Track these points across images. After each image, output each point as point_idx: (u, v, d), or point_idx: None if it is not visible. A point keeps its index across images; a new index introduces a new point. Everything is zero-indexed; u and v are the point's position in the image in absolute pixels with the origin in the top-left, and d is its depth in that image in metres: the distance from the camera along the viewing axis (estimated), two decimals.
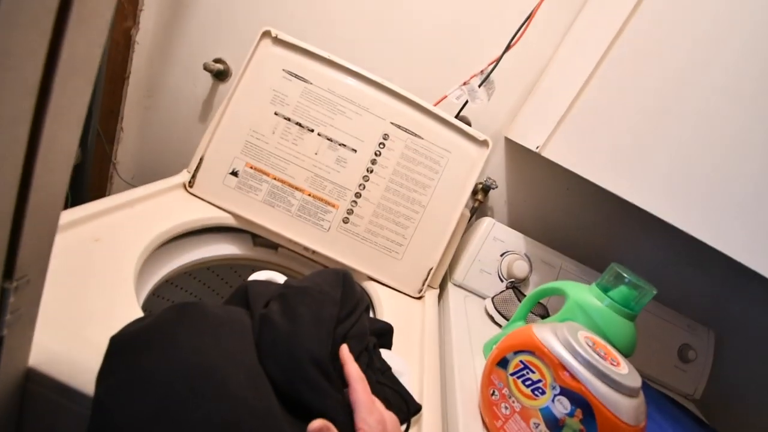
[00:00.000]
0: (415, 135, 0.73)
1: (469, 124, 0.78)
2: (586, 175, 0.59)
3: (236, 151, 0.71)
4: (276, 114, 0.71)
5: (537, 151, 0.66)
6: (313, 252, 0.74)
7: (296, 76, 0.71)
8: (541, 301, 0.76)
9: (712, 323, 0.87)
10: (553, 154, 0.64)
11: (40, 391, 0.35)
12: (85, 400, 0.34)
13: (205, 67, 0.88)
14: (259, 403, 0.33)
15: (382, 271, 0.74)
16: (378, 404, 0.38)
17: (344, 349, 0.42)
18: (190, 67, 0.92)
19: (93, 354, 0.34)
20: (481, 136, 0.74)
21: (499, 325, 0.73)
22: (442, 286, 0.82)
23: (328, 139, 0.72)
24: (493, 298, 0.76)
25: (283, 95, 0.71)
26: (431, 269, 0.75)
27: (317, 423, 0.34)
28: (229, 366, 0.34)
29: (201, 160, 0.71)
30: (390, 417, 0.38)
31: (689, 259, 0.92)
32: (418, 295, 0.75)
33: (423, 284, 0.75)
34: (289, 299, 0.42)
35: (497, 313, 0.74)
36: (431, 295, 0.77)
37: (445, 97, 0.78)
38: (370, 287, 0.73)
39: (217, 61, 0.91)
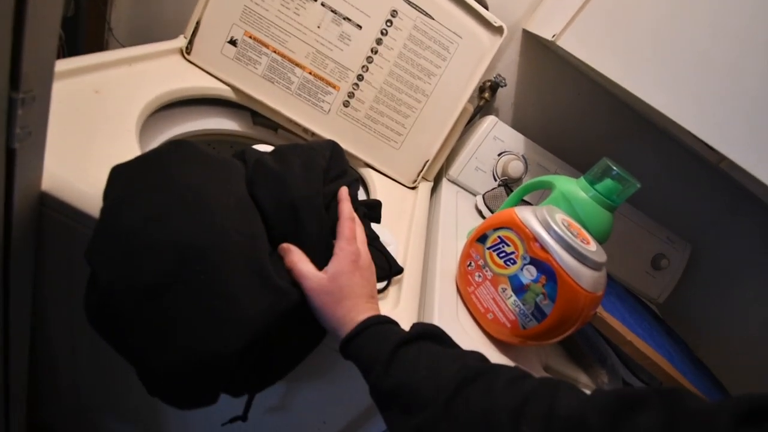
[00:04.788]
0: (426, 14, 0.68)
1: (486, 8, 0.72)
2: (598, 67, 0.56)
3: (234, 17, 0.67)
4: None
5: (553, 39, 0.62)
6: (312, 134, 0.74)
7: None
8: (528, 199, 0.79)
9: (692, 238, 0.91)
10: (568, 43, 0.61)
11: (54, 215, 0.39)
12: (94, 223, 0.38)
13: None
14: (246, 227, 0.37)
15: (380, 159, 0.75)
16: (361, 243, 0.42)
17: (344, 190, 0.45)
18: None
19: (98, 185, 0.37)
20: (497, 22, 0.69)
21: None
22: (437, 180, 0.84)
23: (333, 11, 0.67)
24: (484, 194, 0.78)
25: None
26: (427, 161, 0.76)
27: (282, 246, 0.39)
28: (218, 190, 0.37)
29: (197, 24, 0.67)
30: (366, 257, 0.42)
31: (683, 175, 0.92)
32: (412, 185, 0.77)
33: (418, 175, 0.77)
34: (281, 150, 0.45)
35: (486, 208, 0.77)
36: (425, 186, 0.79)
37: None
38: (366, 174, 0.75)
39: None
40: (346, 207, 0.43)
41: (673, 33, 0.50)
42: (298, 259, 0.39)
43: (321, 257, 0.40)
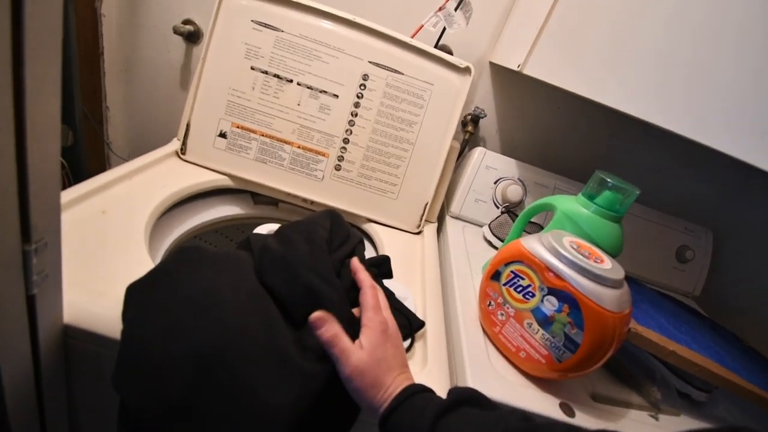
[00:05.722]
0: (395, 71, 0.72)
1: (451, 53, 0.76)
2: (566, 87, 0.58)
3: (220, 113, 0.72)
4: (252, 68, 0.70)
5: (518, 69, 0.65)
6: (312, 202, 0.76)
7: (266, 26, 0.69)
8: (535, 220, 0.79)
9: (710, 224, 0.89)
10: (534, 70, 0.63)
11: (79, 344, 0.40)
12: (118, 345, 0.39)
13: (175, 31, 0.86)
14: (261, 318, 0.37)
15: (380, 212, 0.77)
16: (385, 309, 0.42)
17: (355, 260, 0.45)
18: (160, 33, 0.90)
19: (117, 306, 0.38)
20: (463, 64, 0.73)
21: (497, 249, 0.76)
22: (440, 220, 0.84)
23: (309, 88, 0.71)
24: (489, 224, 0.79)
25: (257, 48, 0.70)
26: (427, 204, 0.77)
27: (316, 314, 0.38)
28: (228, 288, 0.38)
29: (188, 126, 0.72)
30: (393, 324, 0.41)
31: (682, 162, 0.92)
32: (417, 231, 0.78)
33: (421, 219, 0.78)
34: (283, 231, 0.46)
35: (494, 237, 0.76)
36: (430, 229, 0.80)
37: (422, 26, 0.76)
38: (370, 229, 0.77)
39: (186, 22, 0.88)
40: (364, 276, 0.43)
41: (631, 38, 0.52)
42: (338, 332, 0.38)
43: (346, 327, 0.40)
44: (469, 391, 0.36)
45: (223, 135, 0.72)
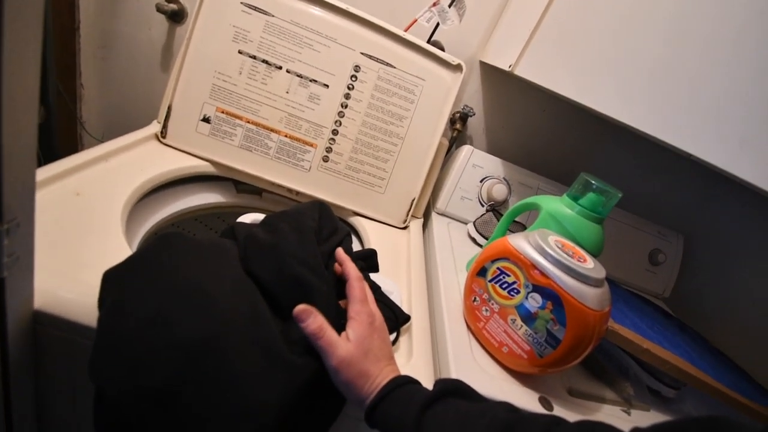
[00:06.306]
0: (387, 64, 0.72)
1: (443, 49, 0.76)
2: (556, 89, 0.59)
3: (204, 96, 0.69)
4: (240, 52, 0.68)
5: (509, 70, 0.65)
6: (297, 193, 0.75)
7: (256, 9, 0.67)
8: (519, 220, 0.80)
9: (682, 229, 0.93)
10: (524, 71, 0.64)
11: (50, 331, 0.38)
12: (93, 333, 0.37)
13: (158, 8, 0.82)
14: (247, 308, 0.36)
15: (367, 206, 0.76)
16: (371, 302, 0.42)
17: (340, 251, 0.44)
18: (142, 11, 0.86)
19: (92, 292, 0.36)
20: (455, 61, 0.73)
21: (481, 246, 0.77)
22: (426, 215, 0.85)
23: (298, 76, 0.70)
24: (474, 222, 0.79)
25: (245, 31, 0.68)
26: (414, 199, 0.77)
27: (300, 307, 0.37)
28: (213, 277, 0.37)
29: (169, 108, 0.69)
30: (380, 317, 0.41)
31: (660, 169, 0.95)
32: (403, 225, 0.78)
33: (407, 214, 0.78)
34: (270, 220, 0.45)
35: (479, 235, 0.77)
36: (416, 224, 0.80)
37: (415, 21, 0.76)
38: (357, 222, 0.76)
39: (171, 0, 0.85)
40: (350, 267, 0.43)
41: (626, 43, 0.53)
42: (322, 324, 0.37)
43: (333, 319, 0.39)
44: (455, 383, 0.36)
45: (206, 120, 0.70)
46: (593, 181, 0.53)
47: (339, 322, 0.40)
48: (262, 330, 0.36)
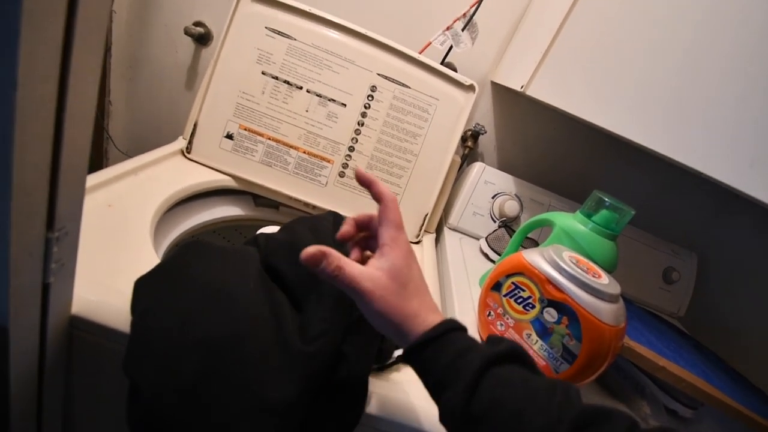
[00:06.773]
0: (403, 85, 0.74)
1: (455, 71, 0.79)
2: (565, 108, 0.61)
3: (228, 114, 0.72)
4: (263, 73, 0.72)
5: (521, 90, 0.68)
6: (314, 207, 0.77)
7: (279, 33, 0.71)
8: (530, 236, 0.81)
9: (695, 247, 0.93)
10: (536, 92, 0.66)
11: (84, 335, 0.40)
12: (124, 339, 0.39)
13: (186, 32, 0.87)
14: (267, 302, 0.38)
15: None
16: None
17: (360, 170, 0.36)
18: (170, 33, 0.91)
19: (124, 299, 0.38)
20: (468, 81, 0.75)
21: (493, 261, 0.78)
22: (438, 231, 0.86)
23: (318, 95, 0.73)
24: (486, 237, 0.80)
25: (269, 54, 0.71)
26: (427, 215, 0.79)
27: (310, 249, 0.30)
28: (236, 278, 0.39)
29: (195, 125, 0.73)
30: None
31: (672, 187, 0.96)
32: (416, 240, 0.79)
33: (420, 229, 0.79)
34: (288, 224, 0.49)
35: (491, 250, 0.78)
36: (428, 239, 0.81)
37: (430, 43, 0.79)
38: None
39: (198, 24, 0.89)
40: (383, 187, 0.35)
41: (642, 66, 0.55)
42: (341, 263, 0.30)
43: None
44: (518, 346, 0.31)
45: (229, 136, 0.73)
46: (606, 199, 0.55)
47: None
48: (282, 328, 0.38)
